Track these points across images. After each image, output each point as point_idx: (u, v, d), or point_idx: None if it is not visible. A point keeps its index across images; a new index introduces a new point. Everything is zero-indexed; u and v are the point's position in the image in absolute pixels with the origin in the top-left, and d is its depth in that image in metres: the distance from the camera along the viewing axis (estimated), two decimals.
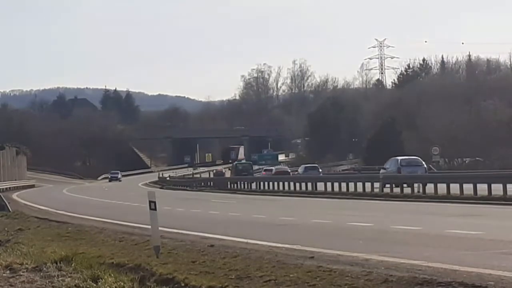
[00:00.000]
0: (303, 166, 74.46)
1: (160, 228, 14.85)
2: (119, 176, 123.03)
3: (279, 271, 11.89)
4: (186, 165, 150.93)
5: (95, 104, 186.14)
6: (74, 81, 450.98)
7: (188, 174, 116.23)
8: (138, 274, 12.47)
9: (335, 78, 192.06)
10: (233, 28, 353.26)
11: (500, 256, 13.09)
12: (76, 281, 12.29)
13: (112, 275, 12.43)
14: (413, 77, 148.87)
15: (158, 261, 13.71)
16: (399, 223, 20.99)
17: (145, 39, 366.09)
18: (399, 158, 51.38)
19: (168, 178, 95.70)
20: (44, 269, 13.65)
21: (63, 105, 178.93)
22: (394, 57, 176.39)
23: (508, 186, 31.93)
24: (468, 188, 34.02)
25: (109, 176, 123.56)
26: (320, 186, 47.44)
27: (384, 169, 50.15)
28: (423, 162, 51.92)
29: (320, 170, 71.59)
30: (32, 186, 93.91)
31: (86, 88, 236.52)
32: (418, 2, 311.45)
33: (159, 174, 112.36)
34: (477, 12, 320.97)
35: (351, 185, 44.28)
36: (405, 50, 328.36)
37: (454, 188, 34.96)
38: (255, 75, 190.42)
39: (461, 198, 33.22)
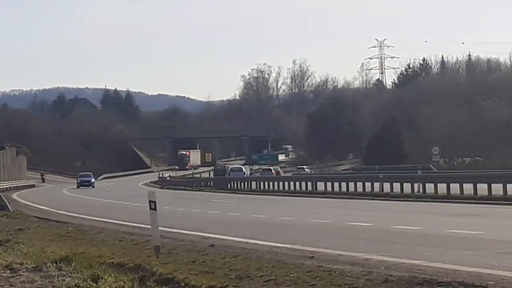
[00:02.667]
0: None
1: (160, 228, 14.86)
2: (92, 180, 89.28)
3: (279, 271, 11.89)
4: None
5: (95, 104, 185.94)
6: (74, 81, 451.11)
7: (188, 174, 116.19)
8: (138, 274, 12.47)
9: (335, 78, 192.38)
10: (233, 28, 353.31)
11: (500, 256, 13.10)
12: (76, 281, 12.29)
13: (112, 275, 12.43)
14: (413, 77, 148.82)
15: (158, 261, 13.72)
16: (399, 223, 20.99)
17: (145, 39, 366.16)
18: (231, 166, 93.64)
19: (168, 178, 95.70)
20: (44, 269, 13.65)
21: (63, 105, 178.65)
22: (394, 57, 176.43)
23: (508, 186, 31.95)
24: (468, 188, 34.03)
25: (78, 181, 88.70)
26: (320, 186, 47.46)
27: (229, 174, 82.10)
28: (243, 168, 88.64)
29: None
30: (32, 186, 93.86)
31: (86, 88, 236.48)
32: (418, 2, 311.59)
33: (159, 174, 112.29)
34: (477, 12, 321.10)
35: (351, 185, 44.28)
36: (405, 50, 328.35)
37: (454, 188, 34.96)
38: (255, 75, 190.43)
39: (461, 198, 33.24)
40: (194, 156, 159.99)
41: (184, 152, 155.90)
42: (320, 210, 30.33)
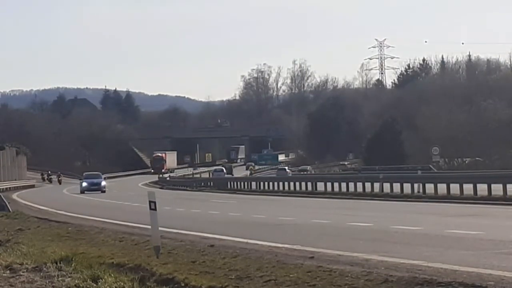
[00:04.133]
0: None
1: (160, 228, 14.85)
2: (102, 182, 67.56)
3: (279, 271, 11.89)
4: (186, 165, 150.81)
5: (95, 104, 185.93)
6: (74, 81, 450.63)
7: (188, 174, 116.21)
8: (138, 274, 12.47)
9: (335, 78, 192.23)
10: (233, 28, 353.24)
11: (500, 256, 13.10)
12: (76, 281, 12.28)
13: (112, 275, 12.43)
14: (413, 77, 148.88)
15: (158, 261, 13.71)
16: (399, 223, 20.99)
17: (145, 39, 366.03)
18: (214, 167, 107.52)
19: (168, 178, 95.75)
20: (44, 269, 13.64)
21: (63, 105, 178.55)
22: (394, 57, 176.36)
23: (508, 186, 31.95)
24: (468, 188, 34.03)
25: (83, 184, 65.75)
26: (320, 186, 47.46)
27: (212, 174, 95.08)
28: (224, 169, 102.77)
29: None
30: (32, 186, 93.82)
31: (86, 88, 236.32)
32: (418, 2, 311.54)
33: (159, 174, 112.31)
34: (477, 12, 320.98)
35: (351, 185, 44.28)
36: (405, 50, 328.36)
37: (454, 188, 34.96)
38: (255, 75, 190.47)
39: (461, 198, 33.25)
40: (170, 159, 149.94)
41: (159, 154, 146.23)
42: (320, 210, 30.32)
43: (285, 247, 15.53)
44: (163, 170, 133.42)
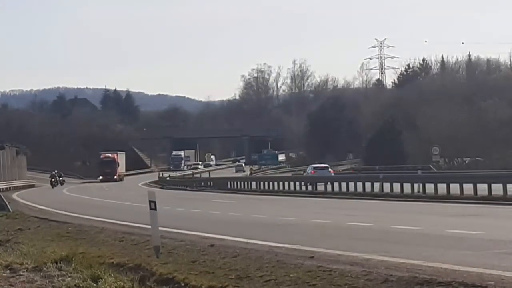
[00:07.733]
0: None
1: (160, 228, 14.85)
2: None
3: (279, 271, 11.89)
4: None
5: (95, 104, 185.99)
6: (74, 81, 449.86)
7: (188, 174, 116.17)
8: (138, 274, 12.46)
9: (335, 78, 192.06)
10: (233, 28, 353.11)
11: (500, 256, 13.10)
12: (76, 281, 12.28)
13: (112, 275, 12.42)
14: (413, 77, 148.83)
15: (158, 261, 13.71)
16: (399, 223, 20.99)
17: (145, 39, 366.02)
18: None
19: (168, 178, 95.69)
20: (44, 269, 13.64)
21: (63, 105, 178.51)
22: (394, 57, 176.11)
23: (508, 186, 31.95)
24: (468, 188, 34.04)
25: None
26: (320, 186, 47.47)
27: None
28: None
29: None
30: (32, 186, 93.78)
31: (86, 88, 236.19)
32: (418, 2, 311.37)
33: (159, 174, 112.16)
34: (477, 12, 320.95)
35: (351, 185, 44.29)
36: (405, 50, 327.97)
37: (454, 188, 34.97)
38: (255, 75, 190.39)
39: (461, 198, 33.25)
40: (120, 162, 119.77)
41: (110, 155, 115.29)
42: (320, 210, 30.32)
43: (285, 247, 15.53)
44: (115, 177, 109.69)
